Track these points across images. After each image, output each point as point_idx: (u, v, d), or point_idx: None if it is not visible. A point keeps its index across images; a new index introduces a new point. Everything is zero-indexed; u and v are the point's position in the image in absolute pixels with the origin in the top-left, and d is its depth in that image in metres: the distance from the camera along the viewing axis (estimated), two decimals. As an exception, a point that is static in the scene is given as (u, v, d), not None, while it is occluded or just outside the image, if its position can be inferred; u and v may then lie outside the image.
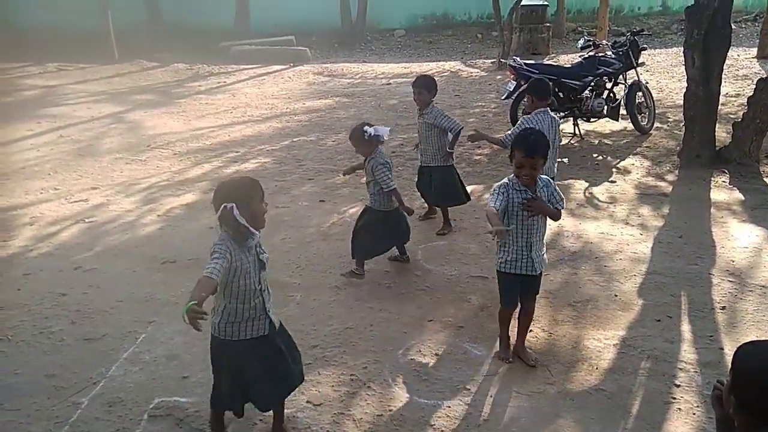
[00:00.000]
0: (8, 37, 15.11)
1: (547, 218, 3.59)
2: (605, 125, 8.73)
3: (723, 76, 7.27)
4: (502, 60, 12.56)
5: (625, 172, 7.18)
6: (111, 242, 5.47)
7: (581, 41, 8.62)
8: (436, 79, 5.90)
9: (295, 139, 8.69)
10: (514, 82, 8.04)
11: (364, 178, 4.84)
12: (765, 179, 6.76)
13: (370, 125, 4.51)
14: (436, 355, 3.79)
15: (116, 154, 8.07)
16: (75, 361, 3.75)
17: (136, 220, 5.98)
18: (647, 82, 8.80)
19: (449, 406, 3.35)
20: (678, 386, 3.48)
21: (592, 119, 8.43)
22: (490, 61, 14.41)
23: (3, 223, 5.87)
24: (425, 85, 5.53)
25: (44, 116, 9.87)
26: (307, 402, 3.37)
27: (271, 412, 3.13)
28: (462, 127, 5.53)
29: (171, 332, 4.02)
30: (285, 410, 3.21)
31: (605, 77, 8.24)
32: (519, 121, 5.15)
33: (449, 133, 5.49)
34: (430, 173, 5.59)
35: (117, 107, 10.61)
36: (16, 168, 7.44)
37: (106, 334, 4.02)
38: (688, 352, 3.79)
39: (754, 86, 7.10)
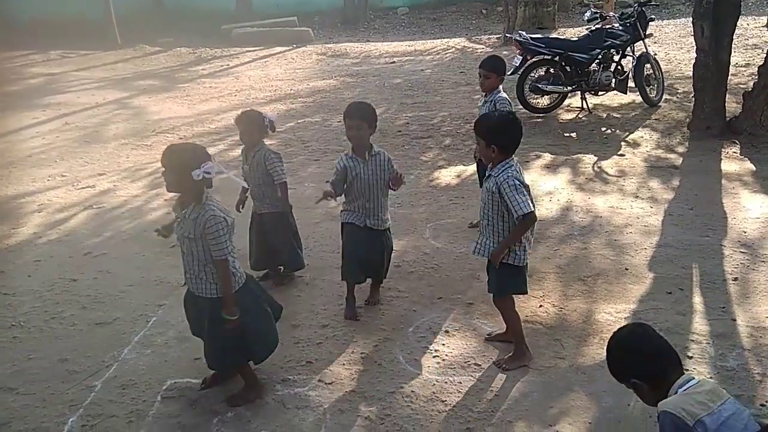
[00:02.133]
0: (11, 25, 15.09)
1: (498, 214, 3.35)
2: (613, 98, 8.62)
3: (733, 45, 7.15)
4: (508, 35, 12.40)
5: (635, 145, 7.10)
6: (119, 227, 5.48)
7: (588, 14, 8.49)
8: (444, 58, 5.70)
9: (300, 121, 8.65)
10: (521, 57, 7.94)
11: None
12: (776, 149, 6.68)
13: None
14: (446, 332, 3.78)
15: (122, 139, 8.07)
16: (87, 345, 3.78)
17: (143, 204, 5.98)
18: (655, 54, 8.67)
19: (460, 382, 3.35)
20: (690, 358, 3.46)
21: (600, 92, 8.35)
22: (495, 36, 14.24)
23: (12, 210, 5.89)
24: (367, 117, 3.81)
25: (49, 104, 9.87)
26: (319, 380, 3.38)
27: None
28: None
29: (181, 315, 3.98)
30: (295, 389, 3.28)
31: (613, 50, 8.13)
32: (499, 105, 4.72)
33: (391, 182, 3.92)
34: (380, 237, 4.02)
35: (121, 93, 10.59)
36: (22, 156, 7.45)
37: (118, 318, 4.05)
38: (700, 324, 3.77)
39: (765, 55, 6.98)
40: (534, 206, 3.29)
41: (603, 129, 7.70)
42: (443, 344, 3.68)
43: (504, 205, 3.27)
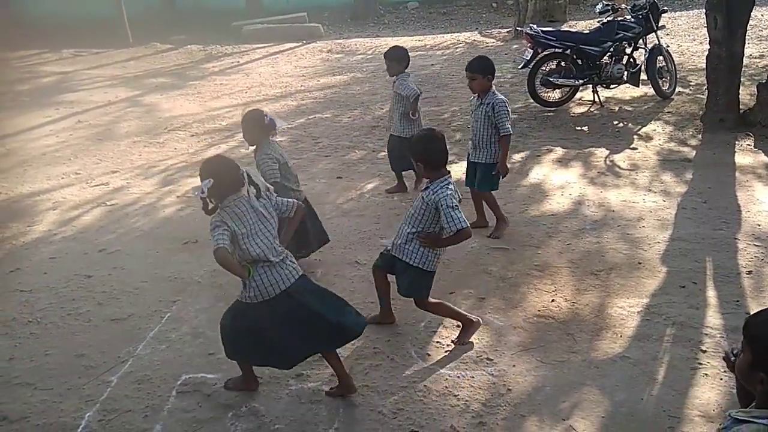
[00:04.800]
0: (25, 24, 15.23)
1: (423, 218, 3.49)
2: (625, 91, 8.56)
3: (746, 36, 7.07)
4: (518, 29, 12.33)
5: (647, 138, 7.05)
6: (133, 224, 5.53)
7: (599, 6, 8.41)
8: (455, 53, 5.78)
9: (310, 117, 8.66)
10: (531, 51, 7.90)
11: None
12: (792, 141, 6.60)
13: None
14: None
15: (134, 137, 8.12)
16: (103, 341, 3.82)
17: (156, 201, 6.03)
18: (668, 46, 8.60)
19: (473, 377, 3.35)
20: (704, 352, 3.45)
21: (612, 86, 8.28)
22: (506, 30, 14.17)
23: (27, 208, 5.96)
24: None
25: (62, 102, 9.95)
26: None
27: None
28: None
29: (195, 310, 4.08)
30: (309, 384, 3.30)
31: (625, 42, 8.06)
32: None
33: None
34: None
35: (133, 91, 10.66)
36: (36, 154, 7.53)
37: (132, 314, 4.09)
38: (713, 318, 3.75)
39: (780, 45, 6.90)
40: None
41: (615, 122, 7.65)
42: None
43: (437, 218, 3.43)
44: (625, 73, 8.05)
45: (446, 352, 3.57)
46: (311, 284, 3.22)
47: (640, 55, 8.31)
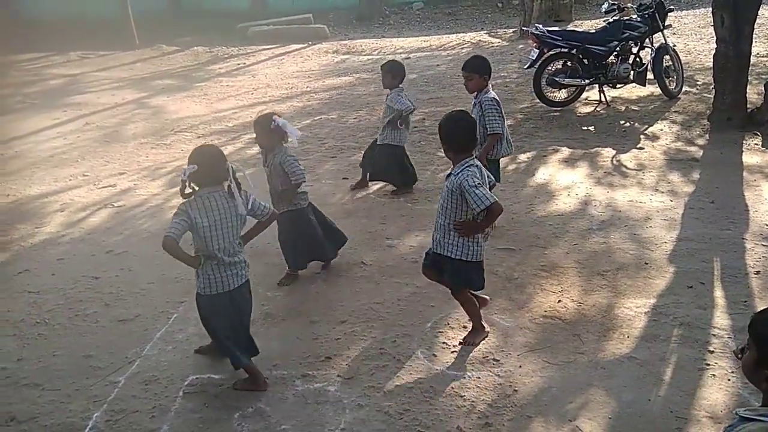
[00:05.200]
0: (32, 27, 15.31)
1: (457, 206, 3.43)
2: (632, 91, 8.53)
3: (754, 35, 7.04)
4: (524, 28, 12.30)
5: (654, 137, 7.02)
6: (140, 226, 5.55)
7: (605, 5, 8.39)
8: (460, 53, 5.78)
9: (316, 118, 8.67)
10: (537, 51, 7.88)
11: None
12: (800, 140, 6.57)
13: (280, 117, 4.13)
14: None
15: (141, 139, 8.16)
16: (110, 341, 3.84)
17: (163, 203, 6.05)
18: (674, 45, 8.56)
19: (479, 378, 3.35)
20: (712, 352, 3.43)
21: (618, 85, 8.26)
22: (511, 30, 14.14)
23: (35, 210, 5.99)
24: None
25: (69, 104, 10.00)
26: (338, 376, 3.41)
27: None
28: None
29: (202, 312, 4.08)
30: (315, 384, 3.33)
31: (631, 41, 8.03)
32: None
33: None
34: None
35: (140, 93, 10.70)
36: (44, 156, 7.57)
37: (140, 315, 4.11)
38: (721, 318, 3.73)
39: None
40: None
41: (622, 122, 7.63)
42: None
43: (464, 203, 3.37)
44: (632, 72, 8.02)
45: (452, 353, 3.57)
46: (248, 293, 3.36)
47: (646, 55, 8.28)
